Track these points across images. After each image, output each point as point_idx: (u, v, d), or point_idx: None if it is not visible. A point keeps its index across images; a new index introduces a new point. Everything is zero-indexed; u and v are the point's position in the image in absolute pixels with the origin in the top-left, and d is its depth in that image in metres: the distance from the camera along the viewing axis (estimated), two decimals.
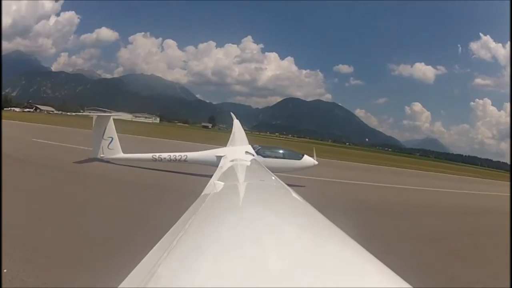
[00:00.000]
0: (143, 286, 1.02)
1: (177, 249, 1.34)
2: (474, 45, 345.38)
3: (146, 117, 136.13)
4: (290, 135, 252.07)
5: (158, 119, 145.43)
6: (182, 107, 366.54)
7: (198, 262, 1.15)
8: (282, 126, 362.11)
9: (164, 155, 10.59)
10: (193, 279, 1.03)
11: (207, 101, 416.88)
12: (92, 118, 11.42)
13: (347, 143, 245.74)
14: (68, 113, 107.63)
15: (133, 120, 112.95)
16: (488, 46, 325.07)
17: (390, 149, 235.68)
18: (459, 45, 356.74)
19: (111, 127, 10.64)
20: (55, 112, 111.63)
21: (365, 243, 1.18)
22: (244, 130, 18.38)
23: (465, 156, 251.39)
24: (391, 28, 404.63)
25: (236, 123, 18.90)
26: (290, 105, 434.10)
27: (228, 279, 1.01)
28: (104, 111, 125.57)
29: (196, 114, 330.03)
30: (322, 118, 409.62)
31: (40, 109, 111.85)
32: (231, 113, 26.63)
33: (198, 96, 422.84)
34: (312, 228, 1.78)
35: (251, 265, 1.13)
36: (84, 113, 37.38)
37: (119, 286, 1.10)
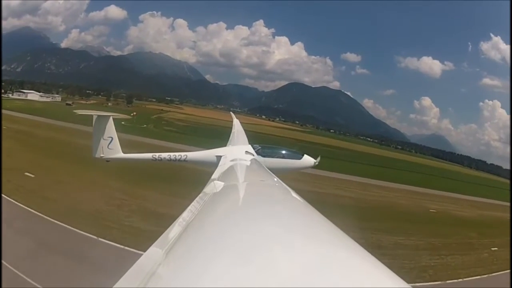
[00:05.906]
0: (142, 286, 1.01)
1: (177, 249, 1.31)
2: (484, 45, 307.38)
3: (47, 97, 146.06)
4: (279, 119, 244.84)
5: (59, 97, 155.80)
6: (183, 86, 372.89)
7: (198, 263, 1.12)
8: (284, 110, 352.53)
9: (164, 155, 10.51)
10: (194, 280, 1.01)
11: (213, 82, 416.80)
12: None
13: (331, 130, 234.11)
14: None
15: (39, 100, 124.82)
16: (499, 47, 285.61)
17: (392, 143, 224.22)
18: (469, 43, 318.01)
19: (111, 127, 10.67)
20: None
21: None
22: (237, 111, 16.53)
23: (457, 154, 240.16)
24: (401, 19, 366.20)
25: (236, 122, 18.21)
26: (294, 89, 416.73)
27: (229, 279, 1.00)
28: (23, 93, 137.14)
29: (195, 94, 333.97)
30: (327, 105, 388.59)
31: None
32: (231, 113, 25.47)
33: (207, 76, 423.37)
34: (312, 228, 1.74)
35: (252, 265, 1.10)
36: None
37: (117, 286, 1.05)
